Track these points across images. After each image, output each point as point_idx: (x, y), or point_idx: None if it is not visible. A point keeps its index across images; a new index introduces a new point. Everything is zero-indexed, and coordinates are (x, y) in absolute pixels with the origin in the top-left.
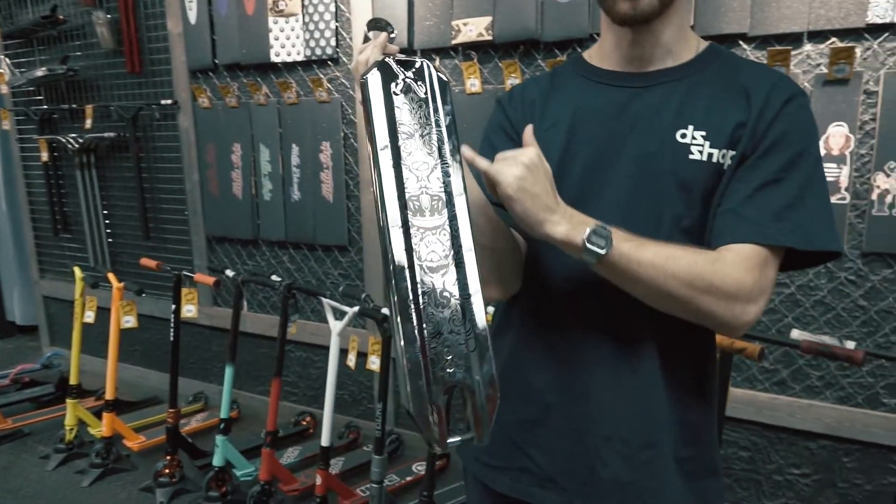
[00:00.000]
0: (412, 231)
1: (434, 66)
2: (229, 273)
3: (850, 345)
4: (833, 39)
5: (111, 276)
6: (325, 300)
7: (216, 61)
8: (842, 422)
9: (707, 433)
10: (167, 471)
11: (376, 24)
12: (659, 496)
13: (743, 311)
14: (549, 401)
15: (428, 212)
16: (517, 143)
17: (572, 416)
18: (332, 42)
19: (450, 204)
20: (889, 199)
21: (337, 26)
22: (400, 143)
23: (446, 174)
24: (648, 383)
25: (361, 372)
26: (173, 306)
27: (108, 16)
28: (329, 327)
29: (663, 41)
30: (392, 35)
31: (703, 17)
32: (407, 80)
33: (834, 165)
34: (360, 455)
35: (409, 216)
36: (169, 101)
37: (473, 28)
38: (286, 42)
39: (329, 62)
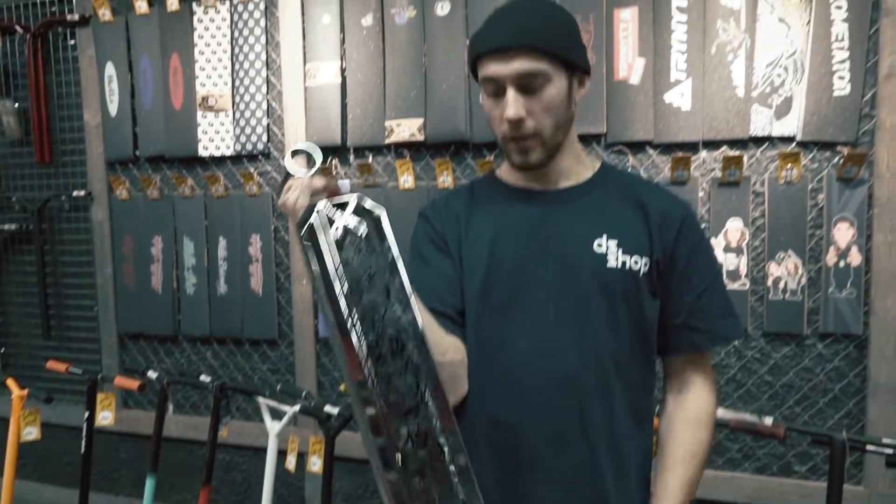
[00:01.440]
0: (379, 381)
1: (367, 201)
2: (152, 374)
3: (768, 420)
4: (724, 148)
5: (11, 382)
6: (261, 399)
7: (137, 153)
8: (760, 491)
9: None
10: None
11: (298, 153)
12: None
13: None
14: (493, 498)
15: (390, 356)
16: (446, 252)
17: None
18: (264, 138)
19: (408, 341)
20: (782, 284)
21: (269, 123)
22: (349, 290)
23: (399, 311)
24: (588, 477)
25: (292, 472)
26: (87, 413)
27: (17, 105)
28: (261, 427)
29: (562, 169)
30: (317, 167)
31: (615, 127)
32: (345, 224)
33: (734, 255)
34: None
35: (373, 365)
36: (82, 193)
37: (406, 129)
38: (215, 136)
39: (260, 157)
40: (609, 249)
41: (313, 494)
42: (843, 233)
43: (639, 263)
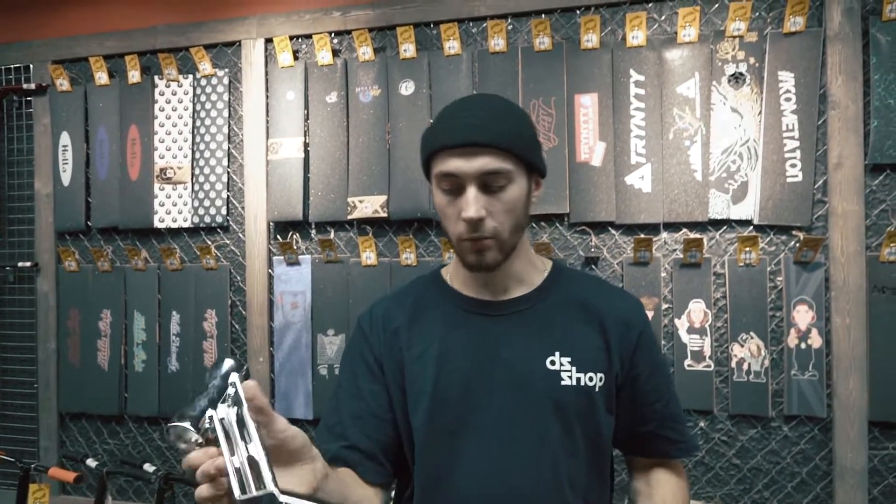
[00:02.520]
0: None
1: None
2: (91, 463)
3: None
4: (684, 230)
5: None
6: None
7: (89, 223)
8: None
9: None
10: None
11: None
12: None
13: None
14: None
15: None
16: (379, 380)
17: None
18: (224, 211)
19: None
20: (745, 366)
21: (229, 196)
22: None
23: None
24: None
25: None
26: None
27: None
28: None
29: (513, 273)
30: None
31: (578, 208)
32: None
33: (697, 337)
34: None
35: None
36: (28, 264)
37: (369, 205)
38: (172, 208)
39: (219, 229)
40: (563, 367)
41: None
42: (803, 315)
43: (594, 380)
